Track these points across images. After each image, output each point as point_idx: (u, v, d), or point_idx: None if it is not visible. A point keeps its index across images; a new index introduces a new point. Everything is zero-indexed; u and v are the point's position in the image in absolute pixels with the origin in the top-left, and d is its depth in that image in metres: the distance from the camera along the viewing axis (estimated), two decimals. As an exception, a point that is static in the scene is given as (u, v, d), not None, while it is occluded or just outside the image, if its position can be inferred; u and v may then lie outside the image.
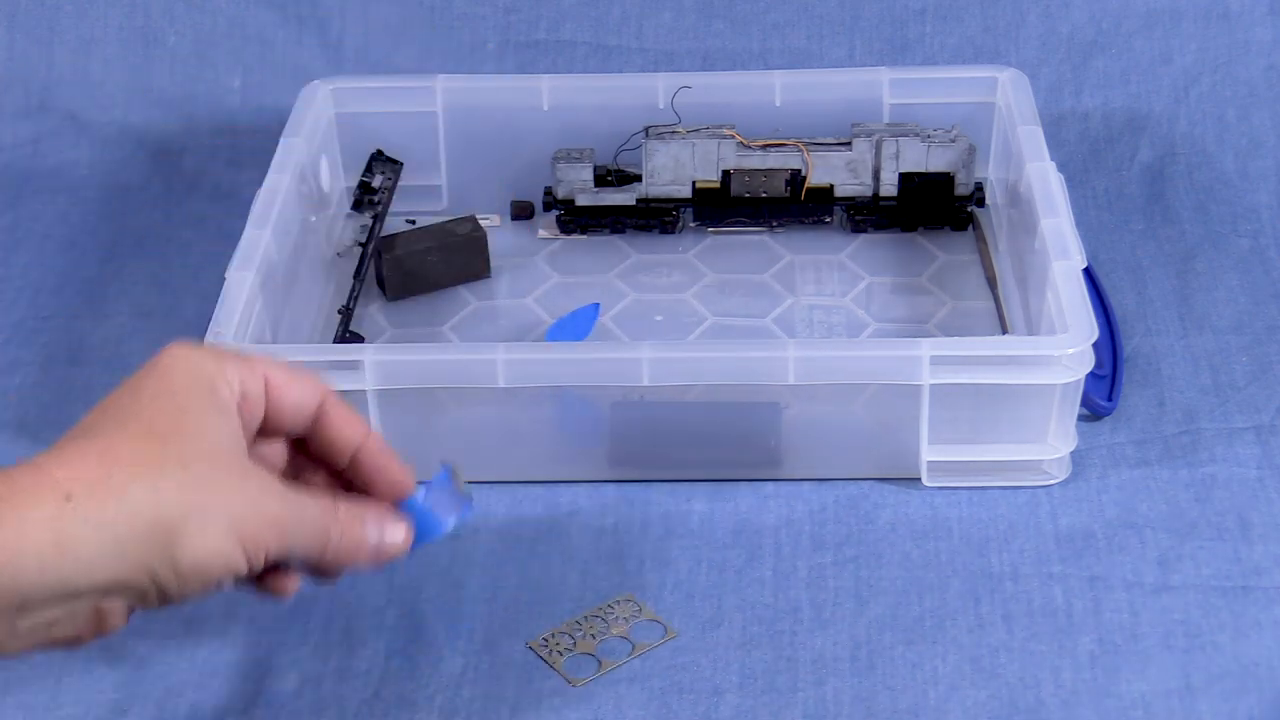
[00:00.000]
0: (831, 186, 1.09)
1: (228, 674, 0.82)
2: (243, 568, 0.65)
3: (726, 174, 1.08)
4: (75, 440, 0.64)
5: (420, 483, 0.74)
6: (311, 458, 0.73)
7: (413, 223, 1.11)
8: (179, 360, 0.67)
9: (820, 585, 0.86)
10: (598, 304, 1.02)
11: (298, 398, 0.70)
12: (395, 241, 1.06)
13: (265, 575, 0.70)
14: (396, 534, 0.72)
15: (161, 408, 0.65)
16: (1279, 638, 0.82)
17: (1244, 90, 1.17)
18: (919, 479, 0.91)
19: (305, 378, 0.71)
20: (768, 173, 1.08)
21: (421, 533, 0.74)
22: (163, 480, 0.63)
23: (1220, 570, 0.86)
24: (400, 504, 0.73)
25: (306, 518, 0.68)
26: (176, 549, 0.63)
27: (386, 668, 0.82)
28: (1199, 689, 0.80)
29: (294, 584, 0.71)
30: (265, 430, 0.70)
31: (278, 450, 0.72)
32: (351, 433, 0.72)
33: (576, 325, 1.00)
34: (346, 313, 1.02)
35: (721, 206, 1.09)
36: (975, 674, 0.81)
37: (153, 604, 0.65)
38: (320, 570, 0.70)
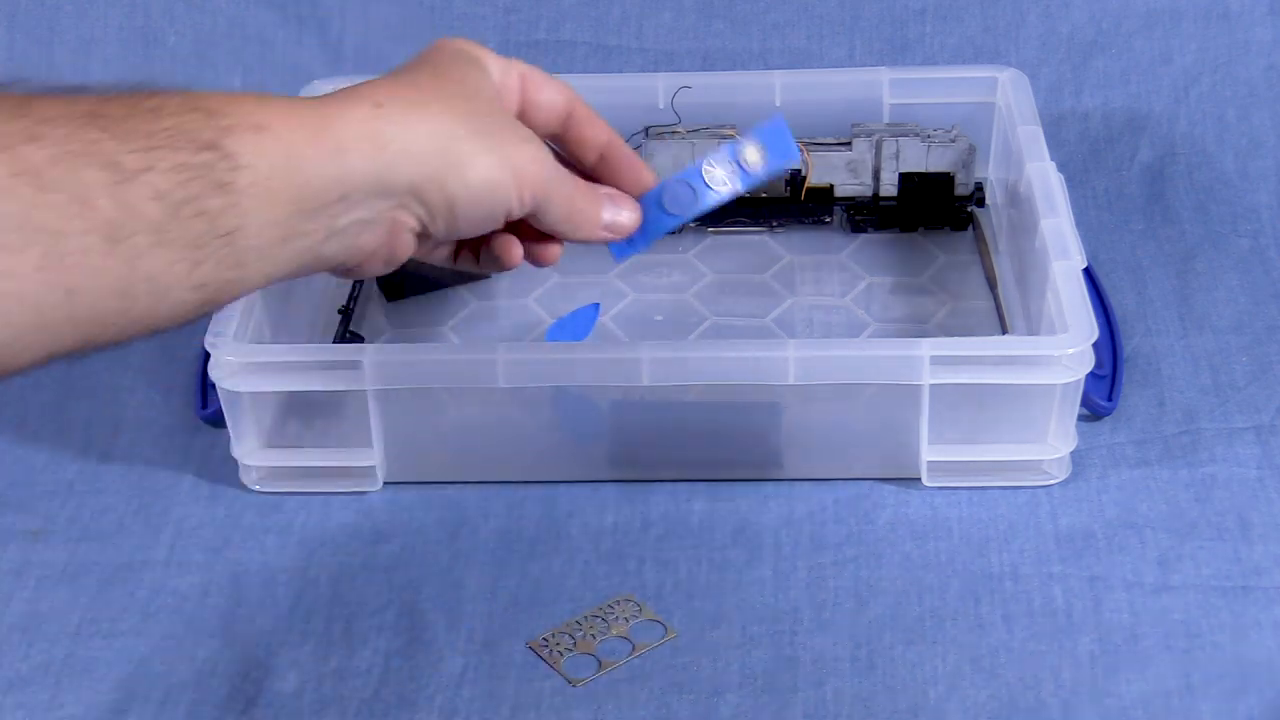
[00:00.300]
0: (831, 186, 1.09)
1: (228, 674, 0.82)
2: (514, 202, 0.73)
3: (726, 174, 1.08)
4: (376, 79, 0.72)
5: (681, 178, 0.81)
6: (563, 155, 0.80)
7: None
8: (449, 45, 0.76)
9: (820, 585, 0.86)
10: (598, 304, 1.02)
11: (550, 96, 0.78)
12: (395, 241, 1.06)
13: (495, 238, 0.77)
14: (626, 214, 0.79)
15: (447, 69, 0.74)
16: (1279, 638, 0.82)
17: (1244, 90, 1.17)
18: (919, 479, 0.91)
19: (555, 81, 0.79)
20: (768, 173, 1.08)
21: (651, 222, 0.80)
22: (456, 108, 0.72)
23: (1220, 570, 0.86)
24: (640, 197, 0.80)
25: (561, 176, 0.76)
26: (466, 167, 0.71)
27: (386, 668, 0.82)
28: (1199, 689, 0.80)
29: (519, 252, 0.78)
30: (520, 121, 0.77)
31: None
32: (597, 133, 0.79)
33: (576, 325, 1.00)
34: (346, 313, 1.02)
35: (721, 206, 1.09)
36: (975, 674, 0.81)
37: (438, 228, 0.72)
38: (554, 233, 0.77)
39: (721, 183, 0.81)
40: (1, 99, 0.60)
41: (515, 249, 0.78)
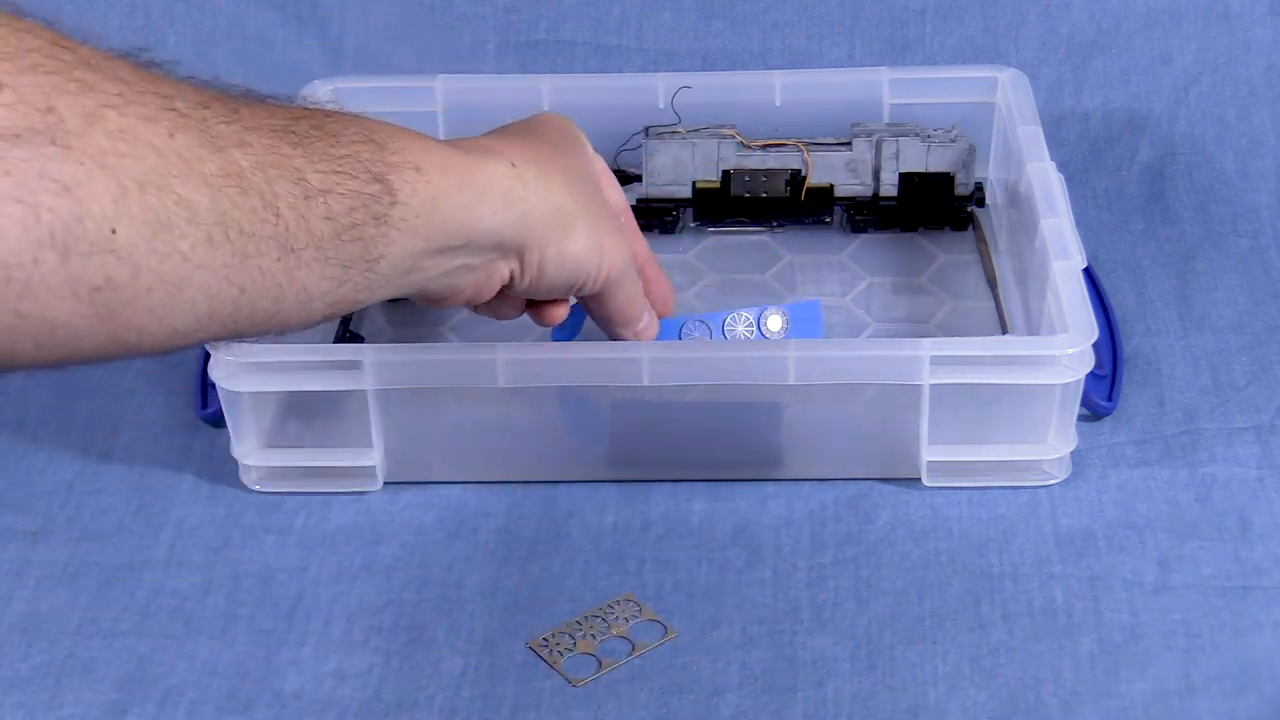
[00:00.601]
0: (831, 186, 1.09)
1: (228, 674, 0.82)
2: (592, 280, 0.81)
3: (726, 174, 1.08)
4: (501, 137, 0.80)
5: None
6: None
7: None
8: (555, 120, 0.85)
9: (820, 585, 0.86)
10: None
11: (613, 197, 0.87)
12: (395, 241, 1.06)
13: (549, 304, 0.86)
14: (653, 327, 0.89)
15: (560, 144, 0.83)
16: (1279, 638, 0.82)
17: (1244, 90, 1.17)
18: (919, 479, 0.91)
19: (616, 183, 0.89)
20: (768, 173, 1.08)
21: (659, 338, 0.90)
22: (572, 183, 0.80)
23: (1220, 570, 0.86)
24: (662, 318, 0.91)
25: (633, 271, 0.85)
26: (568, 239, 0.79)
27: (386, 668, 0.82)
28: (1199, 689, 0.80)
29: (562, 313, 0.87)
30: None
31: None
32: (639, 247, 0.89)
33: (575, 324, 1.00)
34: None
35: (721, 206, 1.09)
36: (975, 674, 0.81)
37: (523, 285, 0.80)
38: (595, 314, 0.87)
39: (738, 336, 0.93)
40: (216, 100, 0.63)
41: (561, 312, 0.87)
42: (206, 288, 0.61)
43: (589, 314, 0.88)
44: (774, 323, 0.91)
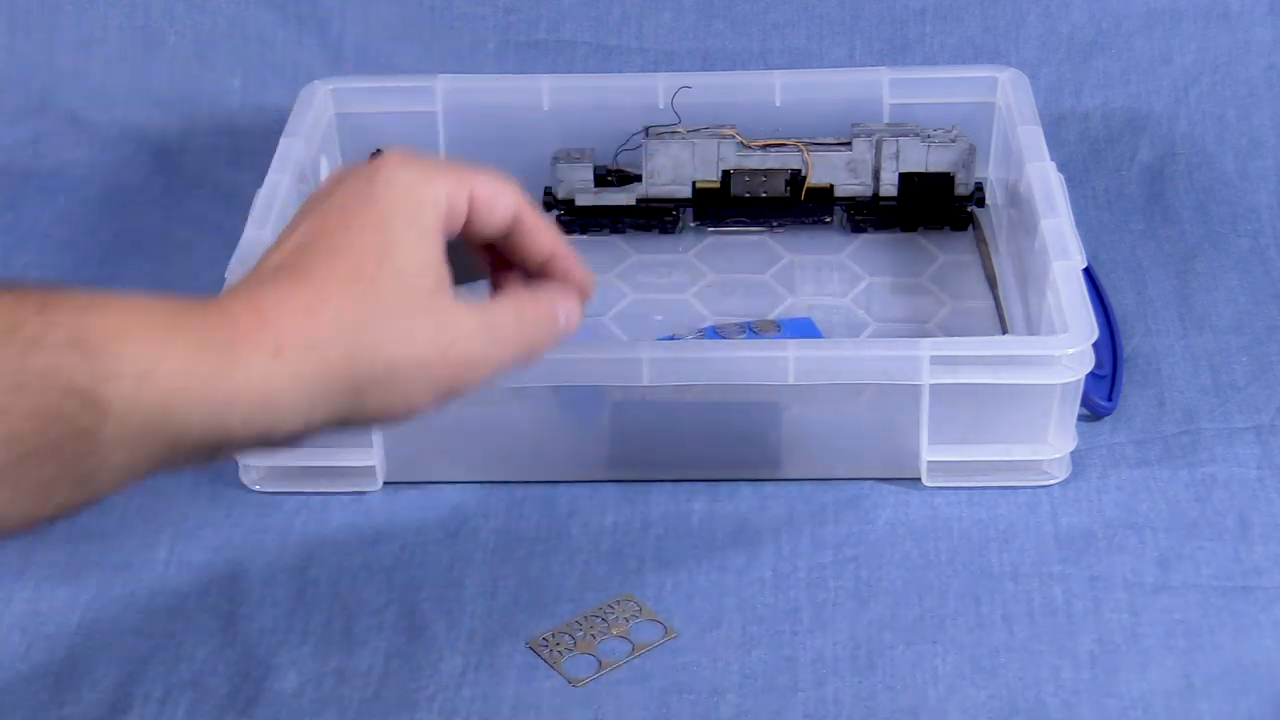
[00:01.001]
0: (831, 186, 1.09)
1: (228, 674, 0.82)
2: (434, 409, 0.69)
3: (726, 174, 1.08)
4: (289, 276, 0.66)
5: None
6: (504, 255, 0.76)
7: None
8: (393, 180, 0.69)
9: (820, 585, 0.86)
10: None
11: (500, 213, 0.73)
12: (395, 241, 1.06)
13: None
14: (575, 314, 0.75)
15: (370, 241, 0.67)
16: (1279, 638, 0.82)
17: (1244, 90, 1.17)
18: (919, 479, 0.91)
19: (506, 191, 0.73)
20: (768, 173, 1.08)
21: None
22: (367, 334, 0.66)
23: (1220, 570, 0.86)
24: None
25: (504, 345, 0.71)
26: (370, 401, 0.66)
27: (386, 668, 0.82)
28: (1199, 689, 0.80)
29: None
30: (463, 236, 0.73)
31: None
32: (543, 244, 0.75)
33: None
34: (346, 313, 1.01)
35: (721, 206, 1.09)
36: (975, 674, 0.81)
37: (343, 434, 0.68)
38: None
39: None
40: None
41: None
42: None
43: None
44: (765, 328, 0.90)
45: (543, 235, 0.75)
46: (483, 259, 0.77)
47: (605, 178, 1.10)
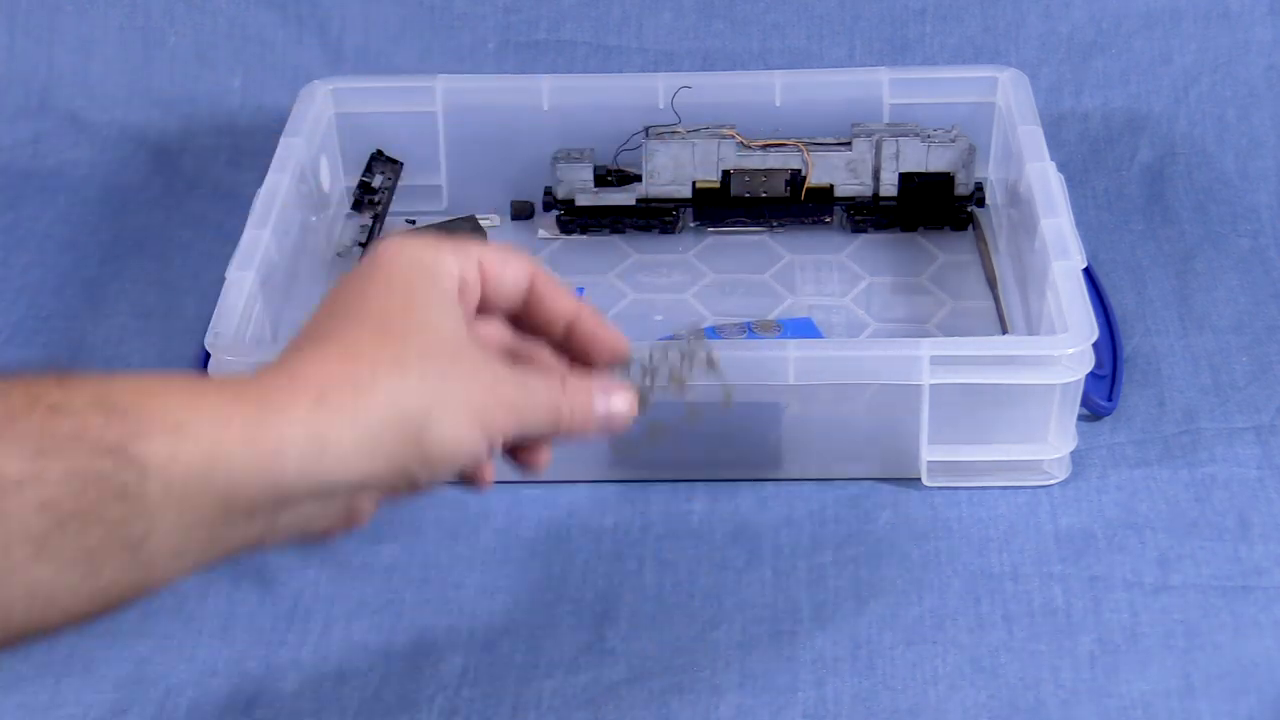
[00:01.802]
0: (831, 186, 1.09)
1: (228, 674, 0.82)
2: (484, 453, 0.66)
3: (726, 174, 1.08)
4: (314, 341, 0.65)
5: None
6: (529, 330, 0.73)
7: (413, 223, 1.11)
8: (399, 255, 0.67)
9: (820, 585, 0.86)
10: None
11: (512, 278, 0.71)
12: (395, 241, 1.06)
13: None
14: (622, 402, 0.73)
15: (391, 303, 0.66)
16: (1279, 638, 0.82)
17: (1244, 90, 1.17)
18: (919, 479, 0.91)
19: (515, 257, 0.71)
20: (768, 173, 1.08)
21: None
22: (407, 375, 0.64)
23: (1220, 570, 0.86)
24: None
25: (538, 398, 0.69)
26: (425, 441, 0.63)
27: (386, 668, 0.82)
28: (1199, 689, 0.80)
29: (544, 457, 0.73)
30: (482, 310, 0.71)
31: (496, 329, 0.73)
32: (563, 306, 0.72)
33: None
34: (346, 313, 1.01)
35: (721, 206, 1.09)
36: (975, 674, 0.81)
37: (402, 494, 0.66)
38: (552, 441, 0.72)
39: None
40: None
41: (545, 458, 0.73)
42: None
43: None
44: (764, 328, 0.89)
45: (561, 298, 0.72)
46: None
47: (605, 178, 1.10)
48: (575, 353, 0.73)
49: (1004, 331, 1.00)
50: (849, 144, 1.07)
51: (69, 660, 0.83)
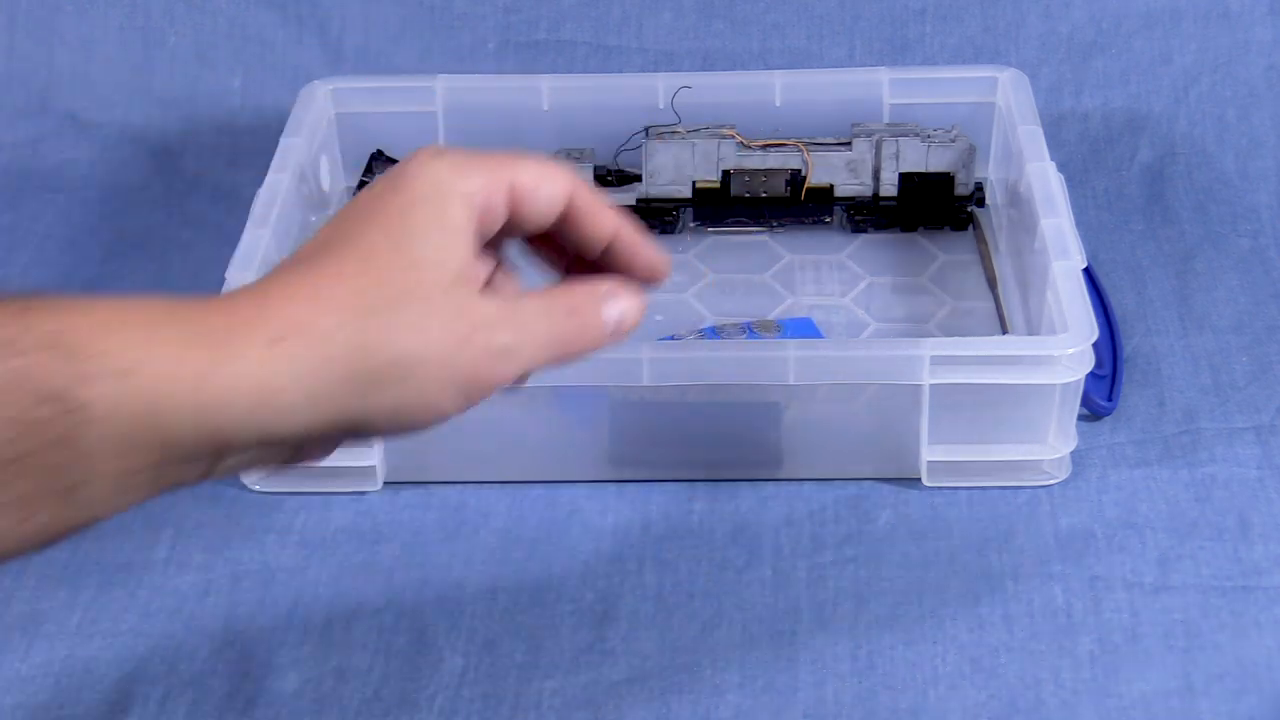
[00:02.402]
0: (831, 186, 1.09)
1: (227, 674, 0.82)
2: (459, 411, 0.62)
3: (726, 174, 1.08)
4: (299, 267, 0.62)
5: None
6: (554, 249, 0.69)
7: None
8: (420, 172, 0.63)
9: (820, 585, 0.86)
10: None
11: (546, 199, 0.65)
12: (395, 241, 1.06)
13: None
14: (627, 303, 0.67)
15: (387, 231, 0.62)
16: (1279, 638, 0.82)
17: (1244, 90, 1.17)
18: (919, 479, 0.91)
19: (553, 175, 0.66)
20: (768, 173, 1.08)
21: None
22: (375, 325, 0.60)
23: (1220, 570, 0.86)
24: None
25: (537, 337, 0.64)
26: (382, 400, 0.60)
27: (386, 668, 0.82)
28: (1199, 689, 0.80)
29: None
30: (507, 233, 0.66)
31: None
32: (603, 226, 0.67)
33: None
34: (346, 313, 1.01)
35: (721, 206, 1.09)
36: (975, 674, 0.81)
37: (361, 441, 0.63)
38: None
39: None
40: None
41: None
42: None
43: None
44: (765, 328, 0.90)
45: (601, 216, 0.67)
46: None
47: (605, 178, 1.10)
48: (608, 269, 0.68)
49: (1004, 331, 1.00)
50: (849, 144, 1.07)
51: (68, 660, 0.83)
